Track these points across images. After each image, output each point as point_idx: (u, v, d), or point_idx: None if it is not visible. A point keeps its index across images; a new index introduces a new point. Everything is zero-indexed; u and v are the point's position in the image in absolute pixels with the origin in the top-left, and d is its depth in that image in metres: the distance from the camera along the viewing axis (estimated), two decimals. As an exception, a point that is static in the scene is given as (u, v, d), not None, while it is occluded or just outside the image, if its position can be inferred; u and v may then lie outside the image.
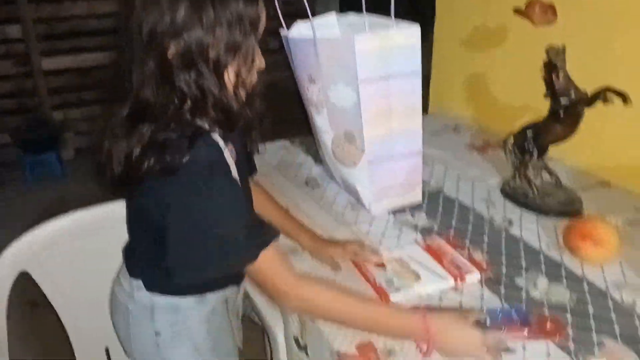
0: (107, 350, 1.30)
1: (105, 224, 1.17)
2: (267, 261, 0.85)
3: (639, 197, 1.30)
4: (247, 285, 1.21)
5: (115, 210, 1.12)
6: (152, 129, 0.80)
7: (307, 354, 0.98)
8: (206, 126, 0.83)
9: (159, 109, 0.80)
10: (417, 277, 1.01)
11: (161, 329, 0.99)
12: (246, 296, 1.20)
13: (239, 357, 1.30)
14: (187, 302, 0.99)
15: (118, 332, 1.08)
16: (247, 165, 1.03)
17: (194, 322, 1.01)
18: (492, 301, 0.96)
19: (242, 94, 0.87)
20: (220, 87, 0.81)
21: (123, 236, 1.04)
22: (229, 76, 0.83)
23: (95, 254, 1.16)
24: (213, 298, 1.02)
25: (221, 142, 0.83)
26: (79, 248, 1.16)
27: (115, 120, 0.83)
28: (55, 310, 1.18)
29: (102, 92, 3.34)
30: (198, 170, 0.79)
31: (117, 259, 1.06)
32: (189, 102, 0.81)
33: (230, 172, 0.85)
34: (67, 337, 1.21)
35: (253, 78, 0.88)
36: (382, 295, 0.96)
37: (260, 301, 1.17)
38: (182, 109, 0.81)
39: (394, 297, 0.96)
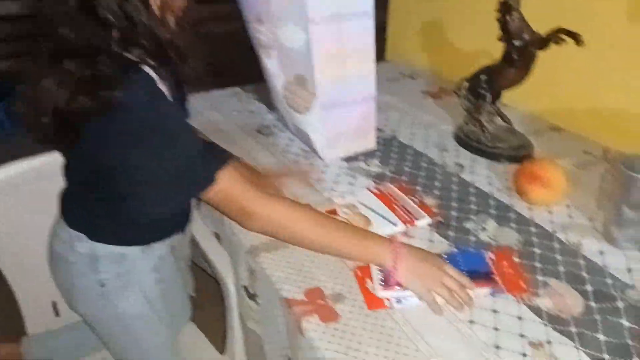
0: (54, 305, 1.27)
1: (44, 174, 1.11)
2: (228, 181, 0.83)
3: (588, 141, 1.32)
4: (194, 232, 1.18)
5: (55, 160, 1.06)
6: (80, 67, 0.74)
7: (257, 302, 0.96)
8: (136, 59, 0.78)
9: (84, 45, 0.74)
10: (368, 222, 1.00)
11: (106, 280, 0.95)
12: (194, 244, 1.17)
13: (190, 304, 1.29)
14: (133, 251, 0.96)
15: (60, 286, 1.04)
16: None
17: (141, 271, 0.98)
18: (442, 245, 0.96)
19: (171, 20, 0.81)
20: (146, 12, 0.75)
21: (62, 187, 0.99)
22: (155, 0, 0.77)
23: (35, 206, 1.11)
24: (159, 247, 0.99)
25: (154, 75, 0.79)
26: (17, 201, 1.11)
27: (38, 64, 0.77)
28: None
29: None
30: (140, 103, 0.75)
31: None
32: (116, 32, 0.75)
33: (169, 99, 0.81)
34: (13, 294, 1.17)
35: (179, 2, 0.82)
36: (332, 241, 0.95)
37: (209, 249, 1.15)
38: (109, 42, 0.75)
39: (344, 243, 0.95)
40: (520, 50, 1.15)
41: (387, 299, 0.83)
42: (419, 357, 0.74)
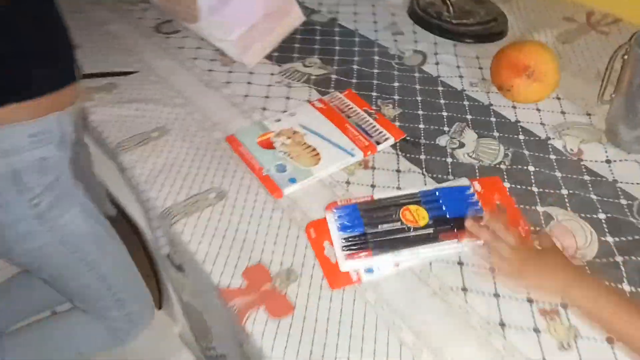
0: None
1: None
2: None
3: (566, 4, 1.07)
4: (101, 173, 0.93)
5: None
6: None
7: (185, 275, 0.75)
8: None
9: None
10: (316, 155, 0.76)
11: (38, 196, 0.73)
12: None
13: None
14: (50, 151, 0.73)
15: None
16: None
17: (66, 181, 0.77)
18: (414, 176, 0.74)
19: None
20: None
21: None
22: None
23: None
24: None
25: None
26: None
27: None
28: None
29: None
30: None
31: None
32: None
33: None
34: None
35: None
36: (275, 191, 0.72)
37: (119, 194, 0.90)
38: None
39: (287, 191, 0.72)
40: None
41: (355, 271, 0.63)
42: (405, 355, 0.56)
